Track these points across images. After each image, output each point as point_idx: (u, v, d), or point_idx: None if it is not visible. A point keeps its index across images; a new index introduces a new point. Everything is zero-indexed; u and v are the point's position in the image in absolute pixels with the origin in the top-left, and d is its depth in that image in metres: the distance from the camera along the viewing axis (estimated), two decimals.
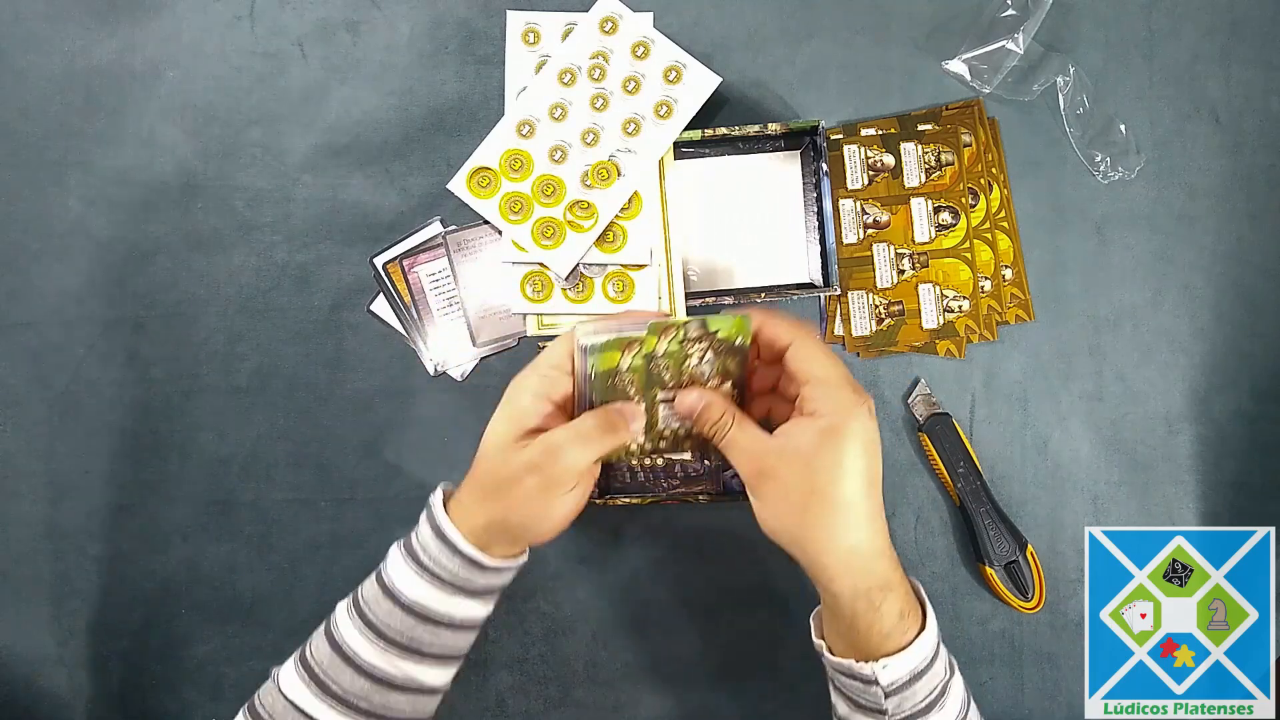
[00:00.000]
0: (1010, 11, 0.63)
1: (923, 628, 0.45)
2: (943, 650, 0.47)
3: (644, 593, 0.64)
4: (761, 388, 0.52)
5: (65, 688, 0.64)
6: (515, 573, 0.51)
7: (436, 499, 0.49)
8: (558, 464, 0.46)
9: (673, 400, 0.50)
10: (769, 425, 0.48)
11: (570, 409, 0.50)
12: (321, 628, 0.50)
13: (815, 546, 0.44)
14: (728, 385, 0.51)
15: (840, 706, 0.48)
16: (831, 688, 0.49)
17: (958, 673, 0.48)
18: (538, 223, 0.62)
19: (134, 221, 0.65)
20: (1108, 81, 0.65)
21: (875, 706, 0.45)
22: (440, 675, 0.50)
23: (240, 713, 0.49)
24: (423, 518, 0.50)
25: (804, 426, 0.45)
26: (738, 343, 0.49)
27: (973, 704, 0.48)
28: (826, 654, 0.47)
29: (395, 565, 0.49)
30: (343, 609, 0.50)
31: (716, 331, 0.48)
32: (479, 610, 0.50)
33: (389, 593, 0.48)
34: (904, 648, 0.44)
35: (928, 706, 0.45)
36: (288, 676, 0.49)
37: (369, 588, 0.49)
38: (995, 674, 0.63)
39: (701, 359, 0.49)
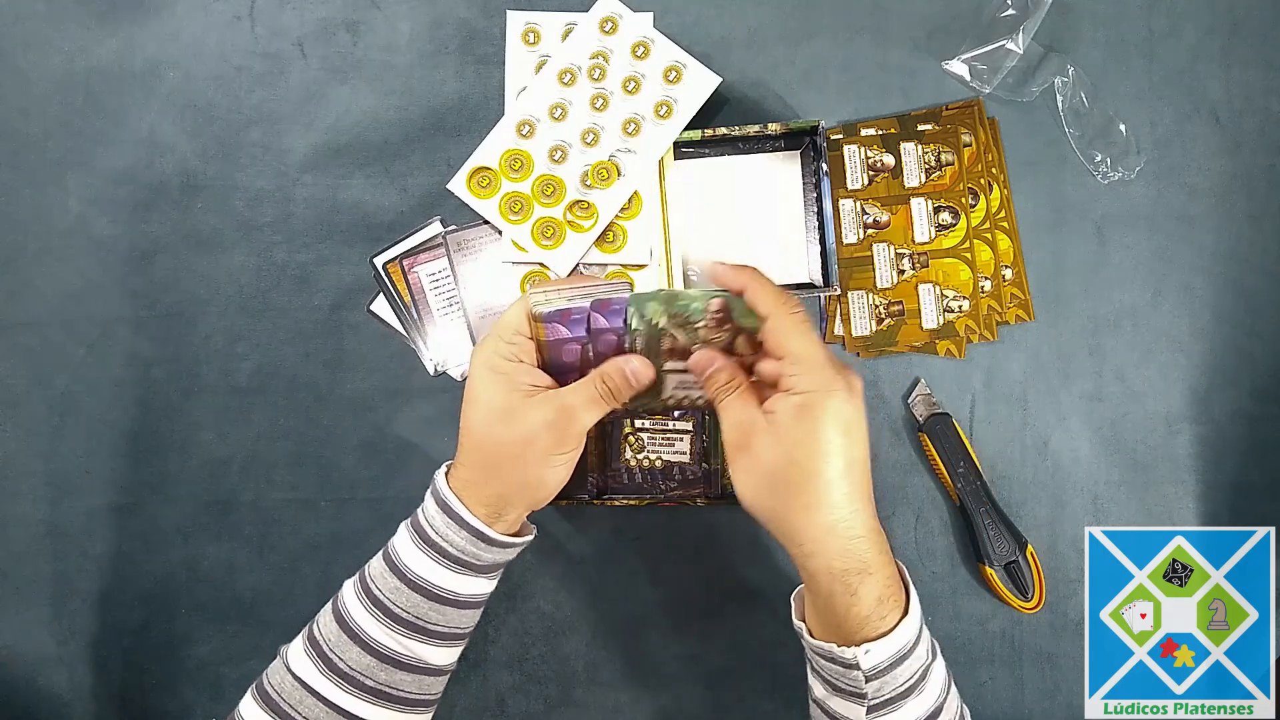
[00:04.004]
0: (1010, 11, 0.63)
1: (905, 613, 0.45)
2: (925, 634, 0.47)
3: (643, 593, 0.64)
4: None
5: (65, 688, 0.64)
6: (521, 549, 0.52)
7: (440, 476, 0.50)
8: (574, 425, 0.48)
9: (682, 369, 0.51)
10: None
11: (540, 367, 0.51)
12: (330, 604, 0.51)
13: (789, 523, 0.44)
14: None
15: (817, 688, 0.48)
16: (809, 669, 0.49)
17: (939, 656, 0.48)
18: (538, 223, 0.62)
19: (134, 221, 0.65)
20: (1107, 81, 0.65)
21: (855, 690, 0.45)
22: (445, 655, 0.50)
23: (249, 691, 0.50)
24: (428, 494, 0.50)
25: (782, 403, 0.44)
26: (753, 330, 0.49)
27: (953, 687, 0.48)
28: (806, 636, 0.47)
29: (403, 542, 0.49)
30: (350, 586, 0.50)
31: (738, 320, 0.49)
32: (483, 587, 0.51)
33: (396, 569, 0.49)
34: (885, 634, 0.44)
35: (907, 690, 0.45)
36: (295, 653, 0.49)
37: (376, 564, 0.50)
38: (995, 674, 0.63)
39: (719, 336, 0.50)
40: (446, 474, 0.50)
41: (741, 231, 0.64)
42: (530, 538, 0.52)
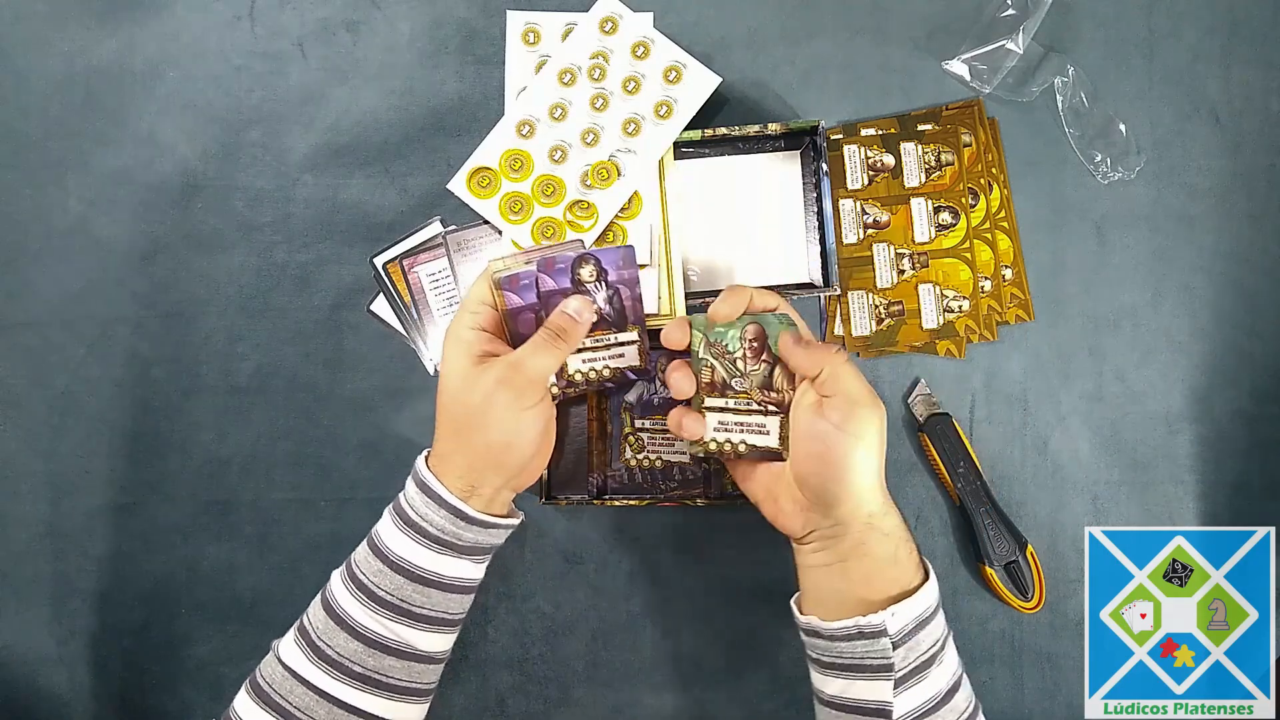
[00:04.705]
0: (1010, 11, 0.63)
1: (925, 577, 0.48)
2: (940, 610, 0.49)
3: (643, 593, 0.64)
4: None
5: (65, 688, 0.64)
6: (505, 533, 0.52)
7: (420, 457, 0.51)
8: (523, 374, 0.49)
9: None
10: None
11: (503, 336, 0.54)
12: (319, 595, 0.51)
13: (877, 489, 0.48)
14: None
15: (833, 684, 0.48)
16: (820, 670, 0.49)
17: (951, 637, 0.49)
18: (538, 223, 0.62)
19: (134, 221, 0.65)
20: (1107, 81, 0.65)
21: (882, 663, 0.45)
22: (432, 641, 0.50)
23: (243, 686, 0.50)
24: (409, 477, 0.51)
25: (837, 404, 0.48)
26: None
27: (965, 674, 0.49)
28: (823, 624, 0.48)
29: (385, 525, 0.50)
30: (337, 574, 0.51)
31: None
32: (468, 570, 0.51)
33: (378, 552, 0.50)
34: (910, 593, 0.46)
35: (930, 659, 0.46)
36: (286, 644, 0.50)
37: (361, 550, 0.51)
38: (995, 674, 0.63)
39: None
40: (427, 456, 0.51)
41: (741, 231, 0.64)
42: (515, 521, 0.53)
